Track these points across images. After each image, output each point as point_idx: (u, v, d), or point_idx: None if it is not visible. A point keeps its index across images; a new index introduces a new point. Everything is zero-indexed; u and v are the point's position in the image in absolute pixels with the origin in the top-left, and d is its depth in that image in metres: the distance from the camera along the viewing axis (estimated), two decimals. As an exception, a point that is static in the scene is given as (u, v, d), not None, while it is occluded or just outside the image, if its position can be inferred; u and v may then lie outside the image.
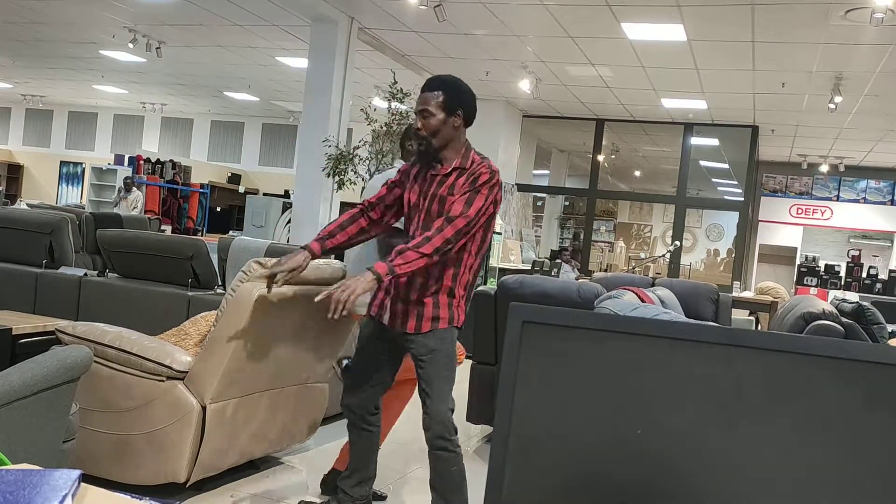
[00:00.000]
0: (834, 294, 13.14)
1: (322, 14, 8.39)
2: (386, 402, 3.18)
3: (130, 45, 10.69)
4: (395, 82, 9.16)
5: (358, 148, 8.76)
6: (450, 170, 2.87)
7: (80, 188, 18.97)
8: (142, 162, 15.37)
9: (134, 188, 13.43)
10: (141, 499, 0.91)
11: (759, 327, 9.99)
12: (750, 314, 10.35)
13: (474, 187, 2.80)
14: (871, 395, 0.94)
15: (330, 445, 4.27)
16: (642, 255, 17.36)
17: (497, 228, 9.00)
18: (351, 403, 3.05)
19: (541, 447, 1.03)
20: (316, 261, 3.48)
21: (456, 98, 2.86)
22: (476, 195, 2.78)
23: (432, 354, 2.86)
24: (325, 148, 8.41)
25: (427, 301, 2.87)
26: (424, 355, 2.87)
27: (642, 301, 3.94)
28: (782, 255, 16.22)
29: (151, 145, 18.33)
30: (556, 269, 10.86)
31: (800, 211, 15.25)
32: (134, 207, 12.98)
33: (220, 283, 5.25)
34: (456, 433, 2.91)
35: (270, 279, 2.97)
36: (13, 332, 3.74)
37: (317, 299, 2.70)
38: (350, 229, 3.04)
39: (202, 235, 14.10)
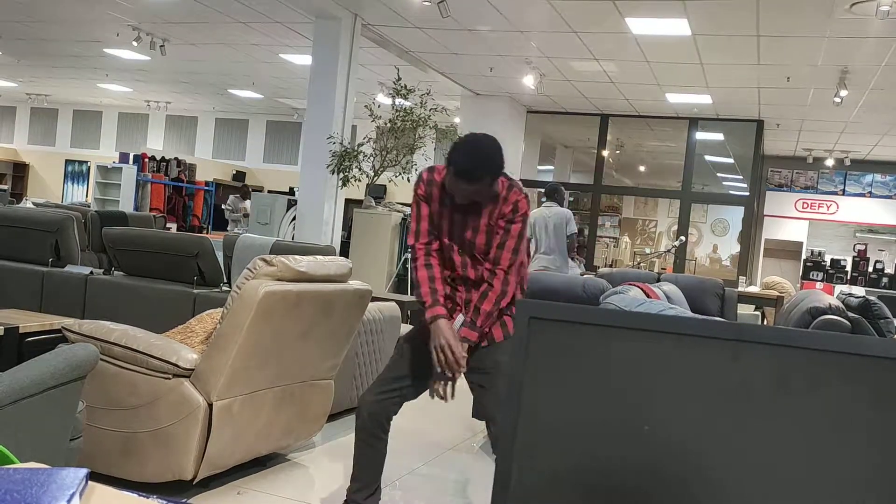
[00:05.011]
0: (840, 288, 13.12)
1: (325, 11, 8.38)
2: None
3: (134, 44, 10.70)
4: (399, 79, 9.16)
5: (362, 145, 8.76)
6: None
7: (85, 186, 19.01)
8: (146, 160, 15.39)
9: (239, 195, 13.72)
10: (148, 497, 0.91)
11: (765, 322, 9.97)
12: (756, 309, 10.33)
13: (513, 221, 2.82)
14: (879, 391, 0.93)
15: (336, 442, 4.28)
16: (647, 251, 17.33)
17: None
18: (376, 411, 2.95)
19: (548, 443, 1.03)
20: (320, 258, 3.48)
21: (499, 170, 2.77)
22: (519, 238, 2.83)
23: (498, 366, 2.87)
24: (330, 145, 8.41)
25: (506, 315, 2.93)
26: (491, 368, 2.87)
27: (648, 296, 3.94)
28: (788, 250, 16.17)
29: (156, 143, 18.36)
30: (561, 265, 10.82)
31: (805, 205, 15.20)
32: (245, 214, 13.01)
33: (225, 280, 5.26)
34: None
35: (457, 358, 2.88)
36: (20, 331, 3.75)
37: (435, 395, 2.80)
38: (437, 274, 2.95)
39: (207, 233, 14.13)
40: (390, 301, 5.66)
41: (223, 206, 14.78)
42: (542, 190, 15.64)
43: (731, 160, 14.65)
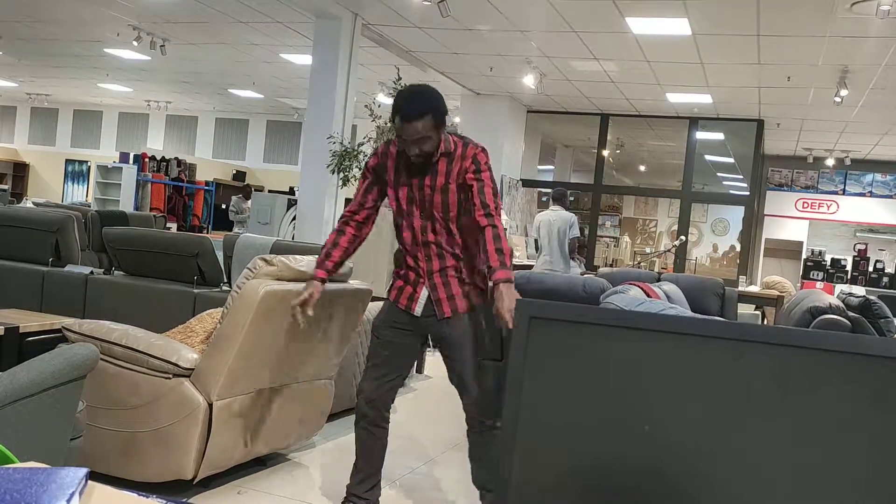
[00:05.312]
0: (840, 288, 13.11)
1: (325, 10, 8.38)
2: None
3: (135, 43, 10.70)
4: (399, 78, 9.15)
5: (362, 144, 8.75)
6: (435, 159, 2.94)
7: (85, 186, 19.01)
8: (147, 160, 15.39)
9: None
10: (148, 496, 0.91)
11: (765, 322, 9.97)
12: (756, 308, 10.33)
13: (480, 170, 2.92)
14: (879, 391, 0.93)
15: (336, 442, 4.28)
16: (647, 250, 17.33)
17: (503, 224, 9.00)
18: (374, 398, 3.02)
19: (548, 442, 1.03)
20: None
21: (440, 111, 2.89)
22: (493, 183, 2.92)
23: (467, 336, 2.93)
24: (330, 144, 8.41)
25: (469, 285, 2.99)
26: (459, 338, 2.92)
27: (648, 296, 3.94)
28: (788, 250, 16.17)
29: (156, 143, 18.36)
30: (561, 265, 10.82)
31: (805, 205, 15.19)
32: (248, 216, 12.92)
33: (225, 280, 5.26)
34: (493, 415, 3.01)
35: (301, 311, 3.00)
36: (20, 331, 3.75)
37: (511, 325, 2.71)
38: (342, 242, 3.10)
39: (207, 233, 14.13)
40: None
41: (228, 208, 14.71)
42: (543, 190, 15.71)
43: (731, 160, 14.65)
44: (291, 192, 13.74)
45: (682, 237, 11.80)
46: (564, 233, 8.31)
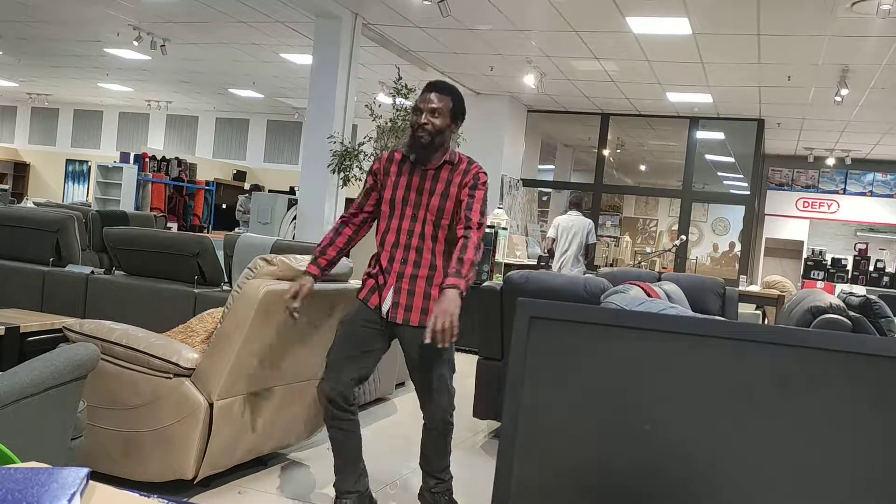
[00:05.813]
0: (841, 287, 13.10)
1: (326, 10, 8.38)
2: None
3: (135, 43, 10.70)
4: (400, 78, 9.15)
5: (363, 144, 8.75)
6: (438, 165, 3.04)
7: (86, 186, 19.00)
8: (147, 159, 15.38)
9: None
10: (149, 496, 0.91)
11: (766, 321, 9.97)
12: (756, 308, 10.33)
13: (476, 187, 3.00)
14: (880, 390, 0.93)
15: (337, 441, 4.28)
16: (648, 250, 17.33)
17: (503, 224, 9.10)
18: (334, 397, 3.01)
19: (549, 442, 1.03)
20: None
21: (461, 109, 3.06)
22: (483, 203, 3.00)
23: (422, 348, 2.95)
24: (330, 144, 8.41)
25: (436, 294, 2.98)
26: (428, 346, 2.92)
27: (648, 296, 3.93)
28: (789, 249, 16.16)
29: (157, 143, 18.35)
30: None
31: (806, 204, 15.18)
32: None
33: (226, 279, 5.26)
34: (454, 411, 3.09)
35: (291, 311, 3.07)
36: (21, 330, 3.75)
37: (427, 341, 2.73)
38: (338, 242, 3.19)
39: (208, 232, 14.13)
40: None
41: (236, 207, 14.70)
42: (543, 190, 15.72)
43: (731, 159, 14.64)
44: (292, 191, 13.73)
45: (683, 237, 11.79)
46: (584, 239, 8.96)
